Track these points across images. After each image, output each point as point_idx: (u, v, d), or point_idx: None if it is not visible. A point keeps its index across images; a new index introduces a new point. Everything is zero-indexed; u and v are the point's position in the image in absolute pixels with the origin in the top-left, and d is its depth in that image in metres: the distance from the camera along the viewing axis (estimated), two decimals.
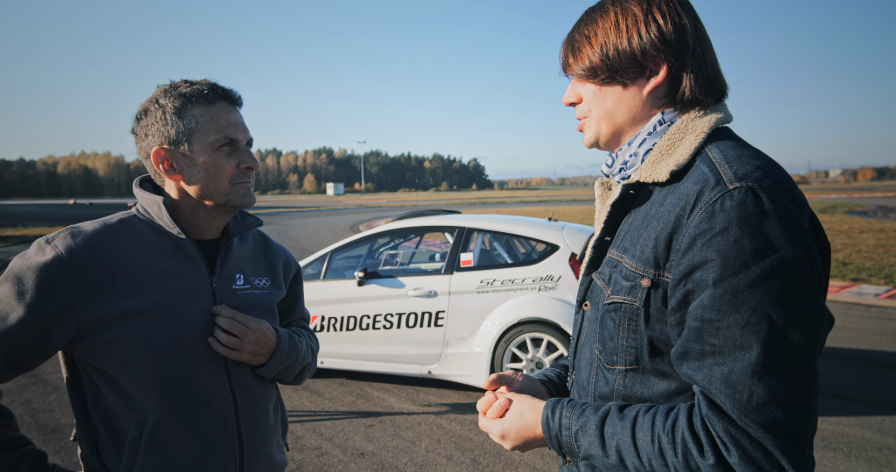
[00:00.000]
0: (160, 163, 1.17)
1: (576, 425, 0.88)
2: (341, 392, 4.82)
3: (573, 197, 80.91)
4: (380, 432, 3.99)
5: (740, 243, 0.75)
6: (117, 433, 1.12)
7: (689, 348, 0.80)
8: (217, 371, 1.18)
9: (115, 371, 1.10)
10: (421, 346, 4.66)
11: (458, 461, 3.55)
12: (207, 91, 1.17)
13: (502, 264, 4.77)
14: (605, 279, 0.95)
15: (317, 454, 3.65)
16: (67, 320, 1.06)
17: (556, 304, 4.31)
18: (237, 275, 1.27)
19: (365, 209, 45.84)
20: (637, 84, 0.94)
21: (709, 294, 0.77)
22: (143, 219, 1.19)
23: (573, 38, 0.99)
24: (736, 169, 0.82)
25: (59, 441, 3.77)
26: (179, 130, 1.16)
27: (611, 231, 0.99)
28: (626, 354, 0.90)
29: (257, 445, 1.23)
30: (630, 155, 0.97)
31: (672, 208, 0.84)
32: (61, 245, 1.07)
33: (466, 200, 73.46)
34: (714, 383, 0.76)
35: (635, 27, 0.92)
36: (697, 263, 0.78)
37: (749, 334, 0.75)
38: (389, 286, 4.80)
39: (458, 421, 4.17)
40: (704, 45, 0.94)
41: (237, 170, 1.19)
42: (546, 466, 3.46)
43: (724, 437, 0.75)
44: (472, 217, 5.13)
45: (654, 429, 0.81)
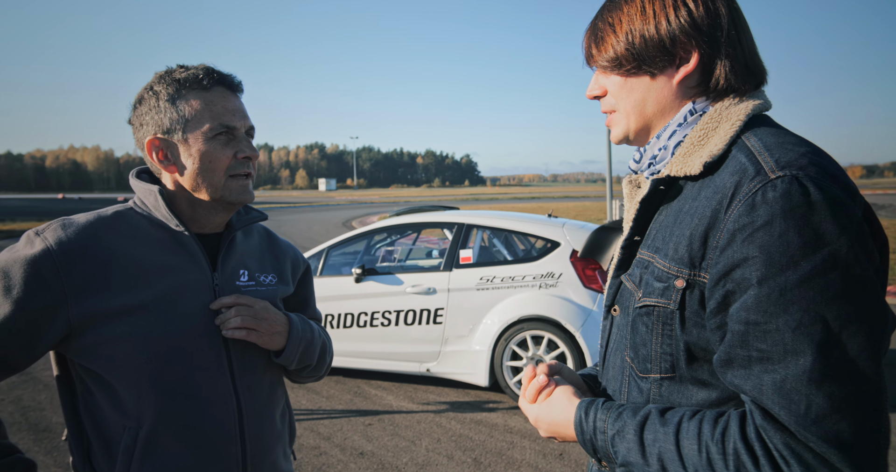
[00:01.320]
0: (154, 153, 1.11)
1: (612, 429, 0.82)
2: (339, 390, 4.75)
3: (566, 194, 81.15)
4: (379, 431, 3.93)
5: (786, 236, 0.69)
6: (109, 442, 1.05)
7: (734, 355, 0.73)
8: (220, 373, 1.10)
9: (108, 373, 1.03)
10: (419, 343, 4.60)
11: (459, 460, 3.50)
12: (203, 76, 1.10)
13: (502, 260, 4.71)
14: (635, 281, 0.89)
15: (315, 453, 3.58)
16: (58, 317, 0.99)
17: (556, 301, 4.26)
18: (241, 271, 1.20)
19: (357, 205, 45.71)
20: (666, 73, 0.88)
21: (753, 294, 0.70)
22: (141, 211, 1.12)
23: (596, 27, 0.93)
24: (778, 157, 0.75)
25: (51, 441, 3.69)
26: (173, 117, 1.09)
27: (640, 230, 0.93)
28: (661, 361, 0.83)
29: (262, 453, 1.16)
30: (659, 148, 0.91)
31: (707, 203, 0.78)
32: (51, 237, 1.01)
33: (459, 196, 73.45)
34: (765, 392, 0.70)
35: (663, 12, 0.86)
36: (738, 260, 0.72)
37: (802, 337, 0.68)
38: (387, 283, 4.73)
39: (458, 420, 4.12)
40: (740, 28, 0.87)
41: (234, 160, 1.12)
42: (549, 466, 3.41)
43: (784, 450, 0.68)
44: (472, 213, 5.07)
45: (701, 437, 0.74)
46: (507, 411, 4.29)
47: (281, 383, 1.26)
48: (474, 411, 4.30)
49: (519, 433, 3.89)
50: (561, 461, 3.47)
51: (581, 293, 4.27)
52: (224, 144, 1.11)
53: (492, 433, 3.90)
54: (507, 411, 4.29)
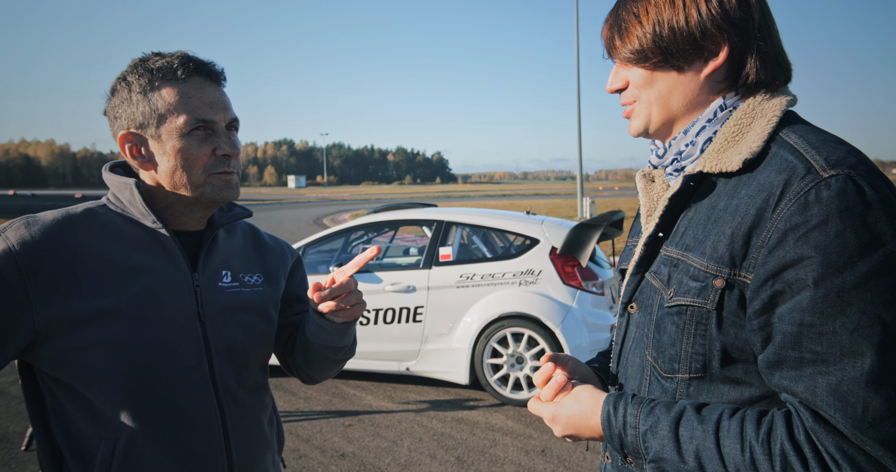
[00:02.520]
0: (128, 149, 1.04)
1: (644, 424, 0.80)
2: (316, 391, 4.67)
3: (536, 191, 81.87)
4: (359, 431, 3.87)
5: (843, 236, 0.67)
6: (84, 455, 0.98)
7: (785, 356, 0.72)
8: (201, 379, 1.04)
9: (79, 383, 0.96)
10: (399, 342, 4.55)
11: (442, 459, 3.47)
12: (178, 65, 1.02)
13: (482, 258, 4.69)
14: (663, 280, 0.86)
15: (295, 456, 3.51)
16: (22, 323, 0.92)
17: (536, 298, 4.27)
18: (223, 271, 1.13)
19: (328, 202, 45.23)
20: (693, 67, 0.85)
21: (809, 296, 0.69)
22: (115, 208, 1.05)
23: (619, 17, 0.89)
24: (826, 155, 0.74)
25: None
26: (145, 111, 1.01)
27: (665, 227, 0.90)
28: (692, 361, 0.81)
29: (249, 463, 1.10)
30: (686, 144, 0.88)
31: (751, 200, 0.76)
32: (13, 237, 0.93)
33: (431, 193, 73.33)
34: (819, 394, 0.69)
35: (693, 3, 0.83)
36: (791, 260, 0.70)
37: (860, 339, 0.67)
38: (366, 281, 4.66)
39: (440, 419, 4.09)
40: (770, 21, 0.85)
41: (213, 157, 1.04)
42: (531, 463, 3.41)
43: (836, 453, 0.67)
44: (451, 210, 5.04)
45: (744, 437, 0.72)
46: (489, 408, 4.28)
47: (266, 388, 1.20)
48: (455, 409, 4.27)
49: (501, 430, 3.88)
50: (543, 458, 3.47)
51: (560, 290, 4.28)
52: (202, 141, 1.03)
53: (473, 431, 3.88)
54: (488, 408, 4.28)
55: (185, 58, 1.04)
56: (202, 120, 1.02)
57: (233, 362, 1.09)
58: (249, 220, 1.31)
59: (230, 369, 1.08)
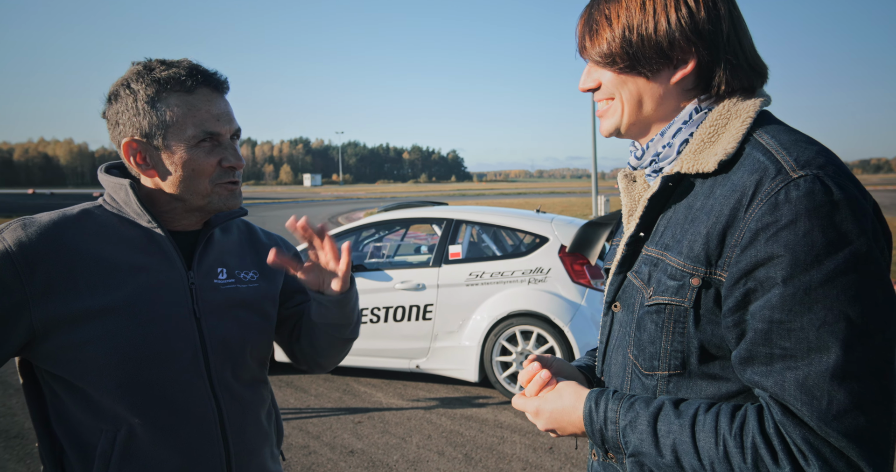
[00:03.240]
0: (132, 156, 1.06)
1: (623, 420, 0.82)
2: (327, 388, 4.72)
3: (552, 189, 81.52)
4: (368, 428, 3.91)
5: (811, 236, 0.69)
6: (85, 447, 1.00)
7: (756, 352, 0.73)
8: (197, 374, 1.06)
9: (78, 379, 0.99)
10: (409, 340, 4.58)
11: (450, 456, 3.49)
12: (185, 77, 1.03)
13: (491, 256, 4.70)
14: (643, 279, 0.88)
15: (304, 453, 3.55)
16: (19, 322, 0.95)
17: (545, 296, 4.27)
18: (219, 269, 1.15)
19: (343, 201, 45.48)
20: (662, 74, 0.86)
21: (778, 293, 0.71)
22: (111, 209, 1.07)
23: (591, 16, 0.89)
24: (796, 156, 0.75)
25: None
26: (153, 121, 1.03)
27: (646, 227, 0.91)
28: (671, 358, 0.83)
29: (246, 455, 1.13)
30: (663, 146, 0.89)
31: (725, 201, 0.77)
32: (10, 238, 0.96)
33: (446, 191, 73.41)
34: (787, 389, 0.70)
35: (664, 11, 0.83)
36: (762, 259, 0.72)
37: (826, 335, 0.68)
38: (376, 279, 4.70)
39: (449, 416, 4.11)
40: (741, 31, 0.86)
41: (218, 168, 1.07)
42: (539, 460, 3.42)
43: (802, 445, 0.69)
44: (461, 209, 5.06)
45: (718, 431, 0.74)
46: (498, 406, 4.29)
47: (264, 382, 1.22)
48: (464, 406, 4.29)
49: (509, 427, 3.89)
50: (551, 455, 3.48)
51: (570, 288, 4.27)
52: (208, 152, 1.06)
53: (482, 428, 3.89)
54: (497, 406, 4.29)
55: (193, 69, 1.05)
56: (209, 132, 1.05)
57: (228, 357, 1.11)
58: (246, 218, 1.34)
59: (226, 364, 1.11)
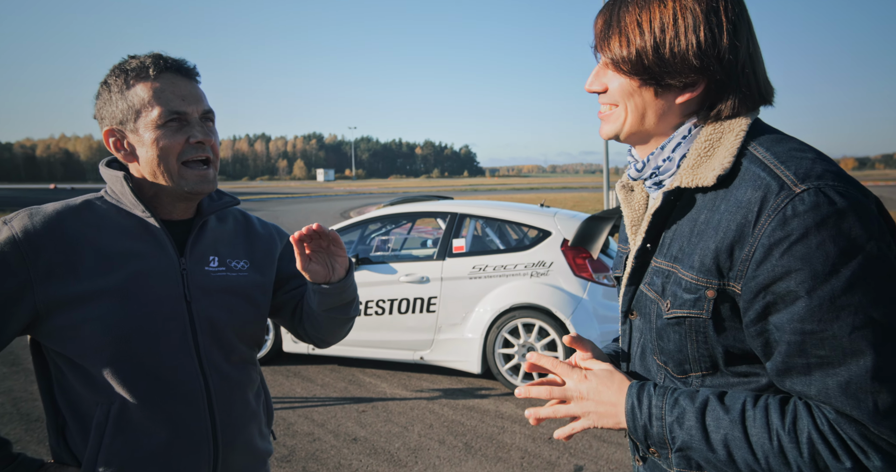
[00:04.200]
0: (112, 144, 1.14)
1: (670, 416, 0.83)
2: (333, 379, 4.81)
3: (564, 185, 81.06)
4: (372, 417, 4.00)
5: (824, 247, 0.72)
6: (84, 419, 1.09)
7: (792, 364, 0.76)
8: (186, 354, 1.14)
9: (77, 356, 1.07)
10: (413, 332, 4.66)
11: (450, 445, 3.56)
12: (149, 64, 1.11)
13: (494, 249, 4.76)
14: (657, 291, 0.90)
15: (309, 439, 3.65)
16: (24, 302, 1.04)
17: (548, 290, 4.32)
18: (211, 256, 1.22)
19: (355, 196, 45.67)
20: (670, 93, 0.87)
21: (804, 305, 0.73)
22: (110, 200, 1.16)
23: (619, 19, 0.88)
24: (795, 169, 0.78)
25: (43, 431, 3.73)
26: (123, 108, 1.11)
27: (652, 239, 0.93)
28: (701, 362, 0.86)
29: (233, 430, 1.20)
30: (663, 160, 0.91)
31: (731, 217, 0.80)
32: (17, 226, 1.05)
33: (458, 186, 73.36)
34: (833, 395, 0.73)
35: (694, 32, 0.82)
36: (779, 274, 0.74)
37: (858, 339, 0.72)
38: (381, 272, 4.78)
39: (451, 406, 4.19)
40: (757, 60, 0.87)
41: (186, 145, 1.12)
42: (538, 449, 3.48)
43: (861, 441, 0.72)
44: (465, 203, 5.11)
45: (770, 426, 0.77)
46: (499, 397, 4.36)
47: (252, 364, 1.29)
48: (467, 397, 4.37)
49: (510, 418, 3.96)
50: (549, 445, 3.54)
51: (571, 282, 4.32)
52: (175, 131, 1.12)
53: (483, 418, 3.97)
54: (498, 397, 4.36)
55: (157, 57, 1.13)
56: (175, 111, 1.11)
57: (216, 338, 1.19)
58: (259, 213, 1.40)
59: (214, 345, 1.18)
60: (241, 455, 1.22)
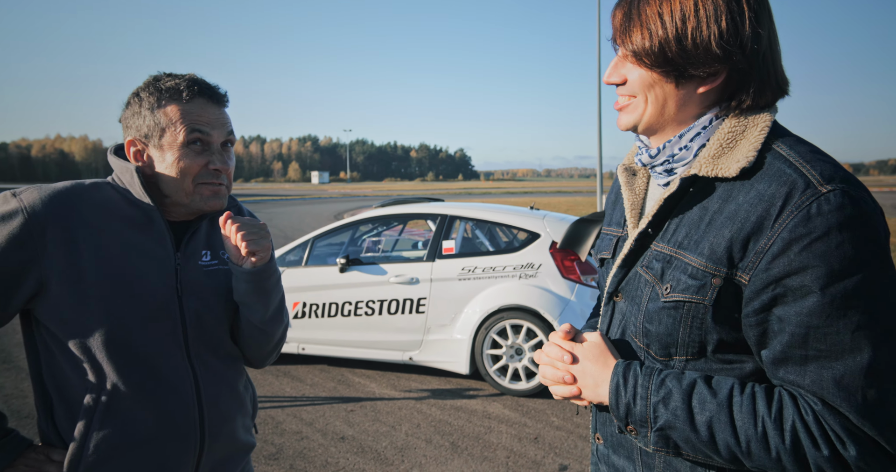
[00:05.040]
0: (132, 154, 1.18)
1: (655, 396, 0.85)
2: (322, 378, 4.83)
3: (558, 189, 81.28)
4: (360, 416, 4.02)
5: (843, 248, 0.74)
6: (72, 402, 1.11)
7: (791, 354, 0.79)
8: (175, 345, 1.17)
9: (67, 338, 1.09)
10: (402, 332, 4.69)
11: (437, 444, 3.59)
12: (184, 87, 1.16)
13: (484, 251, 4.80)
14: (655, 274, 0.91)
15: (297, 438, 3.67)
16: (31, 273, 1.06)
17: (536, 291, 4.36)
18: (203, 251, 1.26)
19: (350, 198, 45.63)
20: (692, 83, 0.87)
21: (815, 301, 0.76)
22: (117, 187, 1.19)
23: (639, 9, 0.87)
24: (820, 170, 0.79)
25: (32, 427, 3.73)
26: (150, 125, 1.15)
27: (657, 224, 0.93)
28: (689, 346, 0.87)
29: (219, 422, 1.22)
30: (680, 148, 0.91)
31: (751, 208, 0.81)
32: (27, 199, 1.08)
33: (452, 190, 73.44)
34: (825, 386, 0.76)
35: (715, 22, 0.82)
36: (795, 268, 0.76)
37: (860, 337, 0.75)
38: (371, 273, 4.81)
39: (439, 406, 4.22)
40: (776, 50, 0.87)
41: (204, 170, 1.17)
42: (523, 449, 3.52)
43: (841, 433, 0.75)
44: (455, 205, 5.15)
45: (756, 412, 0.79)
46: (487, 398, 4.39)
47: (238, 358, 1.32)
48: (455, 398, 4.40)
49: (497, 418, 3.99)
50: (535, 445, 3.58)
51: (559, 283, 4.37)
52: (197, 154, 1.16)
53: (470, 418, 4.00)
54: (486, 398, 4.39)
55: (192, 81, 1.17)
56: (200, 136, 1.16)
57: (205, 331, 1.22)
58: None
59: (202, 338, 1.22)
60: (226, 446, 1.25)
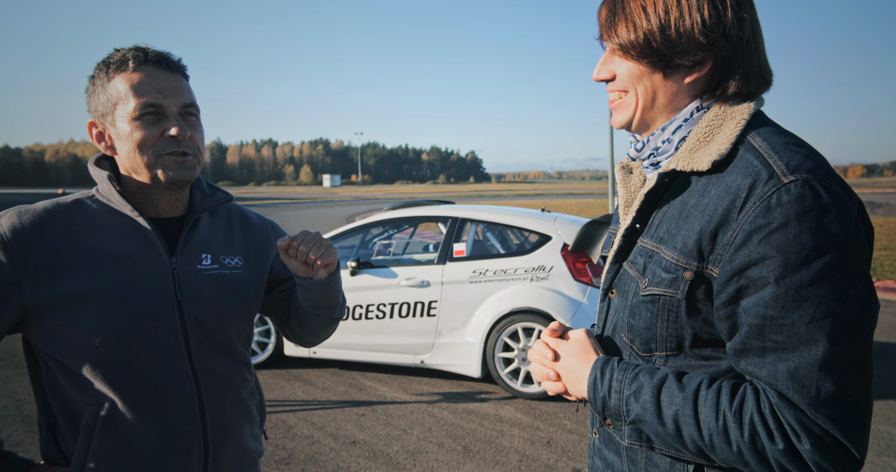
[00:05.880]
0: (95, 136, 1.13)
1: (628, 389, 0.87)
2: (334, 382, 4.83)
3: (570, 191, 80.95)
4: (372, 420, 4.01)
5: (801, 238, 0.74)
6: (73, 419, 1.08)
7: (750, 345, 0.79)
8: (177, 354, 1.12)
9: (65, 356, 1.06)
10: (413, 336, 4.67)
11: (449, 448, 3.57)
12: (130, 57, 1.10)
13: (495, 254, 4.78)
14: (638, 269, 0.92)
15: (308, 442, 3.66)
16: (12, 301, 1.02)
17: (547, 294, 4.33)
18: (203, 254, 1.19)
19: (362, 201, 45.77)
20: (678, 73, 0.88)
21: (771, 292, 0.76)
22: (101, 199, 1.14)
23: (625, 5, 0.89)
24: (787, 160, 0.79)
25: None
26: (103, 101, 1.10)
27: (642, 220, 0.95)
28: (667, 342, 0.88)
29: (224, 432, 1.18)
30: (663, 141, 0.92)
31: (719, 201, 0.81)
32: (5, 224, 1.04)
33: (464, 192, 73.43)
34: (780, 379, 0.77)
35: (698, 11, 0.84)
36: (755, 259, 0.77)
37: (815, 329, 0.75)
38: (382, 276, 4.80)
39: (450, 410, 4.19)
40: (759, 38, 0.88)
41: (161, 139, 1.09)
42: (536, 452, 3.48)
43: (796, 426, 0.76)
44: (466, 207, 5.13)
45: (719, 406, 0.80)
46: (499, 401, 4.36)
47: (245, 363, 1.27)
48: (466, 401, 4.37)
49: (509, 422, 3.96)
50: (548, 449, 3.54)
51: (571, 286, 4.33)
52: (151, 124, 1.09)
53: (482, 422, 3.97)
54: (498, 401, 4.36)
55: (138, 49, 1.11)
56: (151, 104, 1.08)
57: (208, 338, 1.17)
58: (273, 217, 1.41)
59: (205, 345, 1.17)
60: (233, 456, 1.20)
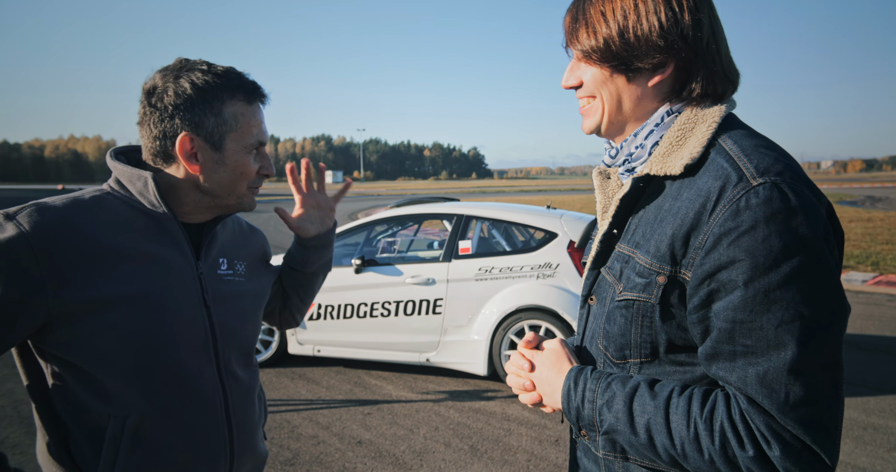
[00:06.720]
0: (186, 151, 1.06)
1: (601, 399, 0.86)
2: (338, 381, 4.80)
3: (572, 186, 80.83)
4: (377, 420, 3.98)
5: (769, 241, 0.73)
6: (93, 430, 1.01)
7: (720, 350, 0.78)
8: (207, 360, 1.10)
9: (90, 364, 0.99)
10: (419, 334, 4.64)
11: (456, 447, 3.54)
12: (251, 91, 1.10)
13: (501, 251, 4.73)
14: (615, 275, 0.91)
15: (313, 442, 3.63)
16: (34, 307, 0.93)
17: (554, 291, 4.29)
18: (220, 259, 1.19)
19: (364, 198, 45.73)
20: (641, 76, 0.89)
21: (739, 295, 0.75)
22: (120, 196, 1.07)
23: (585, 12, 0.91)
24: (756, 163, 0.79)
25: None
26: (213, 123, 1.06)
27: (619, 225, 0.95)
28: (641, 348, 0.87)
29: (245, 436, 1.18)
30: (636, 147, 0.92)
31: (690, 204, 0.81)
32: (26, 222, 0.93)
33: (466, 188, 73.32)
34: (749, 383, 0.75)
35: (655, 14, 0.85)
36: (724, 263, 0.76)
37: (783, 333, 0.73)
38: (387, 274, 4.76)
39: (457, 408, 4.16)
40: (720, 39, 0.88)
41: (257, 175, 1.15)
42: (544, 452, 3.45)
43: (766, 432, 0.74)
44: (471, 205, 5.09)
45: (690, 414, 0.79)
46: (506, 399, 4.32)
47: (256, 367, 1.28)
48: (473, 399, 4.34)
49: (516, 420, 3.93)
50: (556, 448, 3.51)
51: (578, 283, 4.28)
52: (255, 160, 1.14)
53: (489, 420, 3.93)
54: (505, 399, 4.32)
55: (255, 84, 1.12)
56: (262, 142, 1.14)
57: (233, 343, 1.16)
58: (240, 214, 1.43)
59: (231, 350, 1.16)
60: (250, 459, 1.21)
